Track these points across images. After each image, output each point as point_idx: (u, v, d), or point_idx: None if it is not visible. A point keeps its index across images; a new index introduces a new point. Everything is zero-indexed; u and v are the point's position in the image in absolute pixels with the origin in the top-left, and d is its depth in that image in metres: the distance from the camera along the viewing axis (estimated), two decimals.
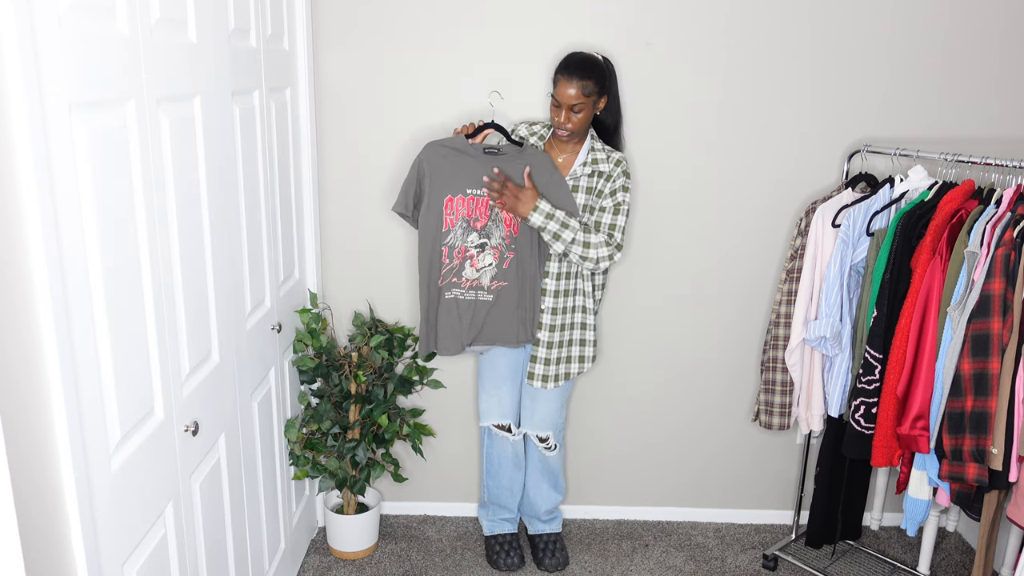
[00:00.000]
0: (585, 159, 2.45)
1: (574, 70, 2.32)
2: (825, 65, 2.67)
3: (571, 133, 2.38)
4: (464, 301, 2.49)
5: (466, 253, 2.45)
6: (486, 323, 2.51)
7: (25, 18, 1.11)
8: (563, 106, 2.34)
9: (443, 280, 2.48)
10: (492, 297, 2.49)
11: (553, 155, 2.49)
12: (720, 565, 2.82)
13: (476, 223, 2.43)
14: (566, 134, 2.39)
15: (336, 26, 2.64)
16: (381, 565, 2.77)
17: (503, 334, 2.53)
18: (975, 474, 2.09)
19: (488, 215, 2.42)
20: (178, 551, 1.70)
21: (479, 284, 2.47)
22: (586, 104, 2.34)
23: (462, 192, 2.42)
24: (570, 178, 2.44)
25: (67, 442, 1.27)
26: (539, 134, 2.51)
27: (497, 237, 2.44)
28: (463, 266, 2.46)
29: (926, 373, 2.20)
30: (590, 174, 2.44)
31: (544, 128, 2.52)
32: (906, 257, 2.28)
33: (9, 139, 1.12)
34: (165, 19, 1.57)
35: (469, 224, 2.43)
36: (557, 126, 2.38)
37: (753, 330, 2.91)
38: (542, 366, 2.56)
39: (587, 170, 2.44)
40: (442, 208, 2.43)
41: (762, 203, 2.79)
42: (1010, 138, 2.72)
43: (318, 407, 2.61)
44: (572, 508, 3.07)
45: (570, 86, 2.31)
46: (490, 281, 2.47)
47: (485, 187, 2.40)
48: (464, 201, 2.42)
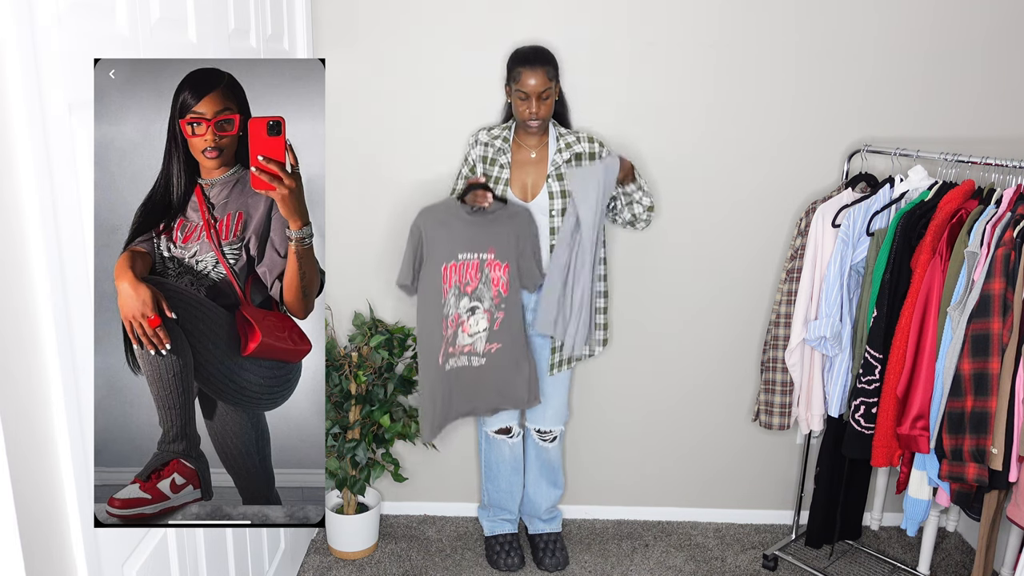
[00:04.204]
0: (558, 146, 2.47)
1: (535, 59, 2.37)
2: (825, 65, 2.67)
3: (541, 121, 2.40)
4: (459, 368, 2.45)
5: (459, 320, 2.40)
6: (482, 390, 2.47)
7: (25, 18, 1.11)
8: (531, 96, 2.36)
9: (443, 356, 2.41)
10: (484, 360, 2.45)
11: (523, 152, 2.48)
12: (720, 565, 2.82)
13: (467, 288, 2.39)
14: (537, 123, 2.40)
15: (336, 26, 2.64)
16: (381, 565, 2.77)
17: (510, 397, 2.49)
18: (975, 474, 2.09)
19: (478, 278, 2.38)
20: (178, 551, 1.70)
21: (473, 350, 2.43)
22: (551, 89, 2.38)
23: (455, 259, 2.38)
24: (551, 167, 2.45)
25: (67, 441, 1.27)
26: (502, 136, 2.49)
27: (488, 300, 2.40)
28: (456, 334, 2.41)
29: (926, 373, 2.20)
30: (568, 159, 2.46)
31: (504, 130, 2.51)
32: (906, 257, 2.28)
33: (9, 139, 1.12)
34: (165, 19, 1.57)
35: (460, 289, 2.39)
36: (527, 118, 2.39)
37: (753, 330, 2.91)
38: (557, 353, 2.56)
39: (565, 156, 2.46)
40: (440, 278, 2.38)
41: (762, 203, 2.79)
42: (1010, 138, 2.72)
43: None
44: (572, 508, 3.07)
45: (535, 75, 2.35)
46: (484, 345, 2.44)
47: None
48: (456, 268, 2.38)
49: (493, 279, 2.41)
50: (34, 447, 1.20)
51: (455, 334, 2.41)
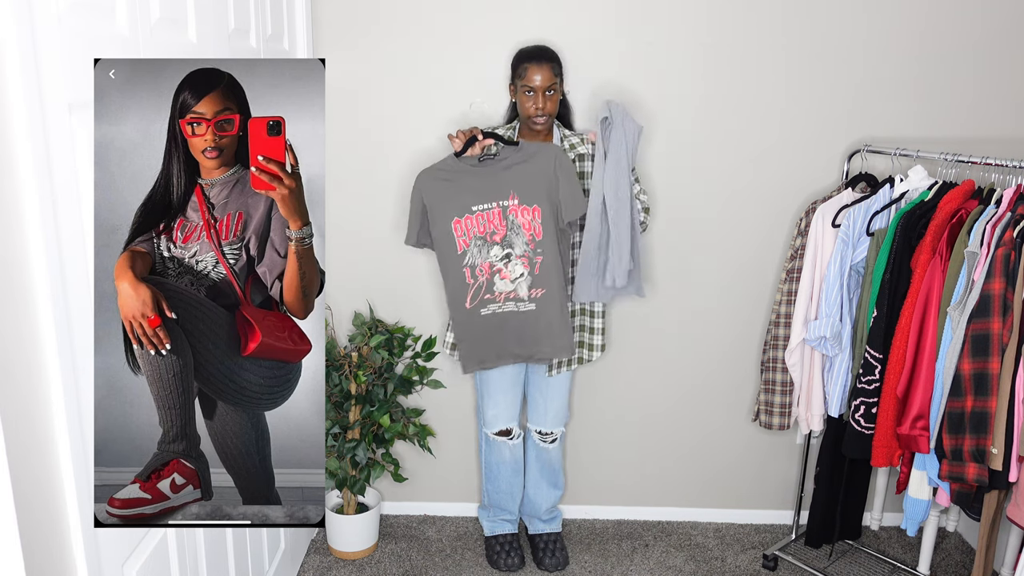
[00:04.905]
0: (563, 147, 2.47)
1: (540, 55, 2.39)
2: (825, 65, 2.67)
3: (548, 118, 2.40)
4: (505, 313, 2.43)
5: (492, 268, 2.40)
6: (539, 337, 2.44)
7: (25, 18, 1.11)
8: (537, 92, 2.37)
9: (472, 301, 2.42)
10: (535, 306, 2.41)
11: None
12: (720, 565, 2.82)
13: (494, 236, 2.38)
14: (543, 119, 2.40)
15: (336, 26, 2.64)
16: (381, 565, 2.77)
17: (562, 346, 2.45)
18: (975, 474, 2.09)
19: (504, 225, 2.38)
20: (178, 551, 1.70)
21: (516, 295, 2.41)
22: (557, 86, 2.40)
23: (468, 212, 2.38)
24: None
25: (67, 441, 1.27)
26: (505, 136, 2.48)
27: (520, 245, 2.39)
28: (493, 281, 2.40)
29: (926, 373, 2.20)
30: (573, 159, 2.46)
31: (508, 130, 2.51)
32: (906, 257, 2.28)
33: (9, 139, 1.12)
34: (165, 19, 1.57)
35: (486, 240, 2.38)
36: (534, 115, 2.39)
37: (753, 330, 2.91)
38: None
39: (570, 155, 2.46)
40: (452, 232, 2.39)
41: (762, 203, 2.79)
42: (1010, 138, 2.72)
43: None
44: (572, 508, 3.07)
45: (540, 71, 2.36)
46: (528, 290, 2.41)
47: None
48: (473, 220, 2.38)
49: (522, 224, 2.38)
50: (34, 447, 1.20)
51: (489, 282, 2.40)
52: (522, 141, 2.43)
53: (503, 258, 2.39)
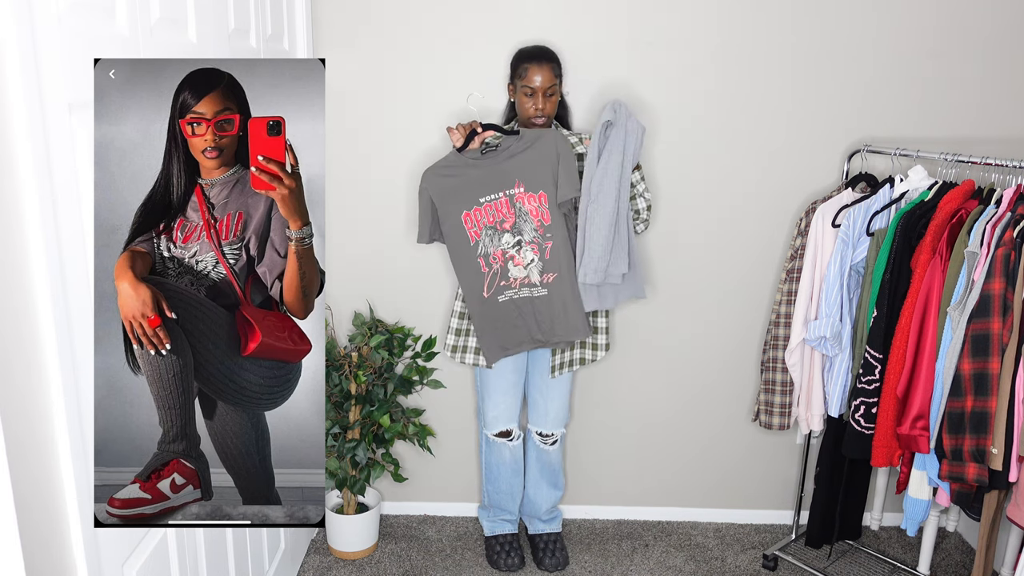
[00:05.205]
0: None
1: (541, 56, 2.39)
2: (825, 65, 2.67)
3: (547, 119, 2.41)
4: (521, 299, 2.45)
5: (505, 255, 2.42)
6: (555, 320, 2.45)
7: (25, 18, 1.11)
8: (537, 92, 2.38)
9: (489, 290, 2.44)
10: (546, 291, 2.43)
11: None
12: (720, 565, 2.82)
13: (503, 225, 2.40)
14: (542, 120, 2.41)
15: (336, 26, 2.64)
16: (381, 565, 2.77)
17: (577, 328, 2.45)
18: (975, 474, 2.09)
19: (513, 213, 2.39)
20: (178, 551, 1.70)
21: (530, 281, 2.43)
22: (556, 87, 2.41)
23: (476, 204, 2.39)
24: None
25: (67, 441, 1.27)
26: (505, 127, 2.49)
27: (529, 231, 2.40)
28: (507, 268, 2.42)
29: (926, 373, 2.20)
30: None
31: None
32: (906, 257, 2.28)
33: (9, 139, 1.12)
34: (165, 19, 1.57)
35: (496, 229, 2.40)
36: (533, 115, 2.40)
37: (753, 330, 2.91)
38: (559, 355, 2.56)
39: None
40: (463, 225, 2.41)
41: (762, 203, 2.79)
42: (1010, 138, 2.72)
43: None
44: (572, 508, 3.07)
45: (541, 71, 2.37)
46: (540, 275, 2.43)
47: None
48: (481, 211, 2.40)
49: (529, 211, 2.39)
50: (34, 447, 1.20)
51: (504, 269, 2.42)
52: (522, 129, 2.43)
53: (514, 245, 2.40)
